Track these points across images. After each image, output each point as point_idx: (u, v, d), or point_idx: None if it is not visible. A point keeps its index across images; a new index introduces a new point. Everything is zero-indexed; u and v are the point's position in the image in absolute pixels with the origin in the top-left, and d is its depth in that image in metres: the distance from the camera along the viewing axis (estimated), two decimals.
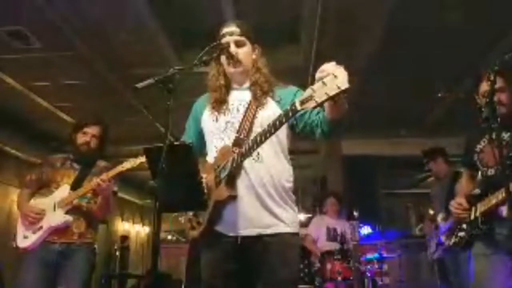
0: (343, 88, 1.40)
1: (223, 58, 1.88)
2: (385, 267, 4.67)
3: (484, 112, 2.16)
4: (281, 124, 1.60)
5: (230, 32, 1.88)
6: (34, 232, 2.78)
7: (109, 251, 8.10)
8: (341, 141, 6.86)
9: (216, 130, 1.88)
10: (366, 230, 6.35)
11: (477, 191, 2.35)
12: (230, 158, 1.73)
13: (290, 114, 1.56)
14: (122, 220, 10.52)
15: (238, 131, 1.81)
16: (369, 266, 4.54)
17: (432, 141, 5.26)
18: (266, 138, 1.64)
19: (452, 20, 3.96)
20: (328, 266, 4.34)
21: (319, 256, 4.56)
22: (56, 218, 2.77)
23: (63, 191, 2.83)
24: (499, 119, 1.85)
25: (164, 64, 4.32)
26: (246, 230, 1.74)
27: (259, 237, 1.73)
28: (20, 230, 2.83)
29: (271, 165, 1.79)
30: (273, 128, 1.61)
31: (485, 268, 2.23)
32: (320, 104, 1.46)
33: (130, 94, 5.35)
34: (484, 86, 2.33)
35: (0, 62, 4.64)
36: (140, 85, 1.55)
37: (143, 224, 11.56)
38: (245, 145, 1.71)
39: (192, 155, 1.63)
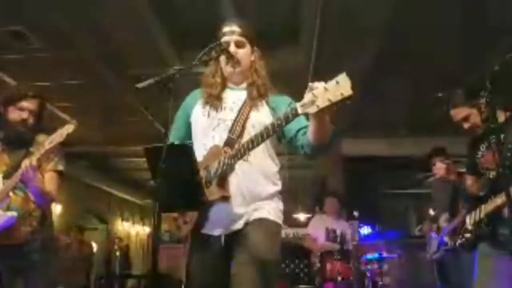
0: (346, 95, 1.38)
1: (222, 58, 1.87)
2: (385, 267, 4.67)
3: (484, 113, 2.19)
4: (280, 127, 1.60)
5: (231, 31, 1.87)
6: None
7: (109, 251, 8.10)
8: (341, 141, 6.86)
9: (207, 126, 1.85)
10: (366, 230, 6.36)
11: (480, 193, 2.38)
12: (221, 158, 1.71)
13: (290, 117, 1.55)
14: (122, 220, 10.53)
15: (230, 131, 1.78)
16: (369, 266, 4.55)
17: (432, 141, 5.25)
18: (263, 140, 1.63)
19: (452, 20, 3.97)
20: (328, 266, 4.33)
21: (318, 255, 4.56)
22: None
23: None
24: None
25: (164, 64, 4.32)
26: (232, 227, 1.74)
27: (244, 225, 1.73)
28: None
29: (258, 165, 1.78)
30: (271, 130, 1.60)
31: (488, 268, 2.25)
32: (322, 110, 1.44)
33: (130, 94, 5.34)
34: (457, 114, 2.46)
35: (0, 62, 4.64)
36: (140, 85, 1.55)
37: (143, 224, 11.57)
38: (237, 145, 1.70)
39: (192, 155, 1.62)
